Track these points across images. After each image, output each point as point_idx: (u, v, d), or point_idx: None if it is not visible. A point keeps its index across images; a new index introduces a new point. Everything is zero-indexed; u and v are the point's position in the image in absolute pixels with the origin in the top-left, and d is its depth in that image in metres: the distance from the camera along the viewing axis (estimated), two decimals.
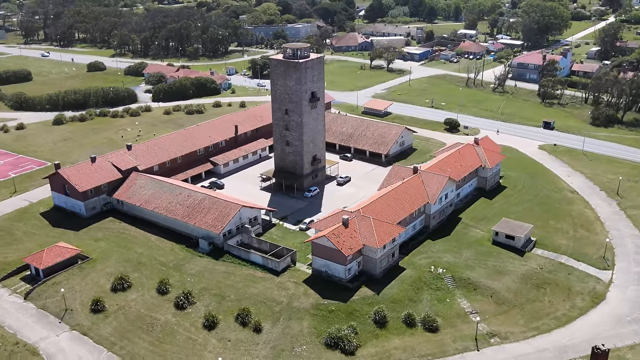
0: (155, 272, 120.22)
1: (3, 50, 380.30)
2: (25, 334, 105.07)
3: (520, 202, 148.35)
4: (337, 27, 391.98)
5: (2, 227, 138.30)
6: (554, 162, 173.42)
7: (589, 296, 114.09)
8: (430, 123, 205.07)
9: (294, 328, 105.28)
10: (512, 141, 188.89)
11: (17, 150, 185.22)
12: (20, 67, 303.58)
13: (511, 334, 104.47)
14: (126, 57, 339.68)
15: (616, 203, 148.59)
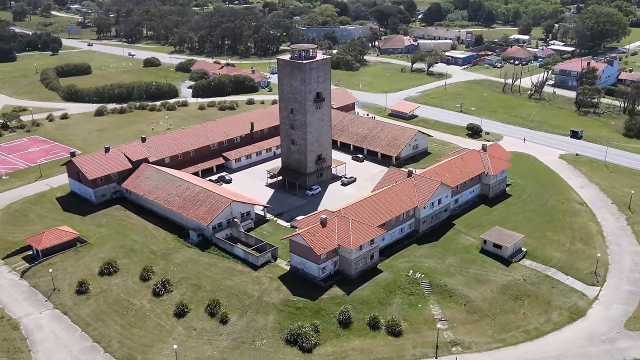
0: (144, 259, 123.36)
1: (76, 45, 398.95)
2: (12, 309, 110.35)
3: (521, 211, 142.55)
4: (390, 29, 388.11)
5: (19, 208, 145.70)
6: (571, 172, 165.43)
7: (568, 312, 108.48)
8: (453, 128, 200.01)
9: (259, 322, 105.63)
10: (534, 149, 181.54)
11: (54, 138, 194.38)
12: (84, 61, 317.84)
13: (475, 344, 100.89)
14: (183, 54, 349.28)
15: (625, 218, 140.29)
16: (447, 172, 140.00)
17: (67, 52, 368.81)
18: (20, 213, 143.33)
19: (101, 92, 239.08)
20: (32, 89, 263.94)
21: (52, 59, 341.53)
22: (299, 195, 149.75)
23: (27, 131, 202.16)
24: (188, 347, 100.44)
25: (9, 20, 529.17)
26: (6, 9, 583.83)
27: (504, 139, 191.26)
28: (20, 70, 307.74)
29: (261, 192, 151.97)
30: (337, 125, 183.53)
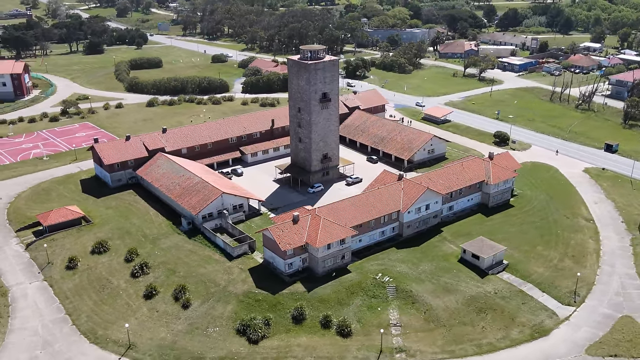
0: (134, 242, 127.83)
1: (161, 40, 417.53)
2: (7, 278, 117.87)
3: (519, 223, 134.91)
4: (459, 33, 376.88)
5: (46, 187, 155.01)
6: (590, 186, 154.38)
7: (531, 330, 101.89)
8: (483, 134, 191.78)
9: (217, 310, 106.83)
10: (560, 161, 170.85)
11: (102, 126, 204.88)
12: (162, 55, 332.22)
13: (420, 353, 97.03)
14: (252, 52, 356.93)
15: (630, 238, 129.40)
16: (442, 179, 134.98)
17: (150, 46, 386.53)
18: (45, 192, 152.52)
19: (158, 84, 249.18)
20: (103, 79, 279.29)
21: (134, 52, 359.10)
22: (301, 192, 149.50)
23: (81, 117, 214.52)
24: (146, 327, 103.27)
25: (113, 16, 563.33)
26: (113, 6, 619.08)
27: (531, 148, 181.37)
28: (102, 62, 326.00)
29: (267, 187, 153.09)
30: (359, 126, 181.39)
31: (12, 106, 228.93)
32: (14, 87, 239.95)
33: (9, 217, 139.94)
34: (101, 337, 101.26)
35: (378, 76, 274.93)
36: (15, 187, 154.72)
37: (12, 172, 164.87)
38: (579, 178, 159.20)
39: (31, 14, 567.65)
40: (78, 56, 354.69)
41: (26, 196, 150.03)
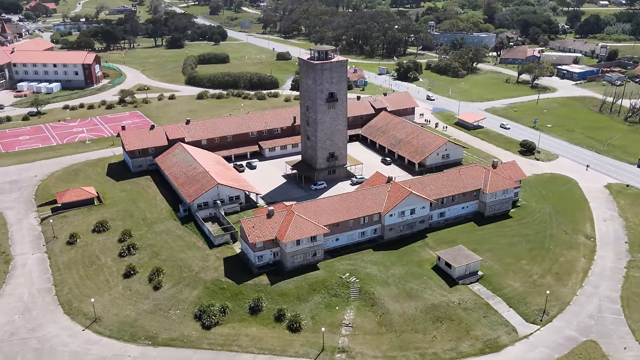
0: (133, 224, 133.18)
1: (241, 37, 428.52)
2: (15, 248, 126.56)
3: (511, 234, 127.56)
4: (530, 39, 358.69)
5: (77, 169, 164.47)
6: (606, 202, 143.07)
7: (483, 344, 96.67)
8: (510, 142, 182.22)
9: (183, 294, 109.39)
10: (583, 174, 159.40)
11: (149, 115, 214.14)
12: (236, 51, 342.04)
13: (361, 356, 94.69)
14: None
15: (628, 260, 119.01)
16: (434, 184, 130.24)
17: (227, 43, 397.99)
18: (75, 172, 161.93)
19: (213, 79, 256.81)
20: (170, 72, 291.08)
21: (209, 47, 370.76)
22: (303, 189, 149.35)
23: (134, 106, 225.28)
24: (115, 304, 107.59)
25: (206, 13, 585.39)
26: (207, 4, 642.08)
27: (558, 159, 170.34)
28: (177, 56, 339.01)
29: (275, 181, 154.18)
30: (381, 127, 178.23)
31: (80, 93, 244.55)
32: (84, 76, 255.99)
33: (36, 194, 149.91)
34: (74, 308, 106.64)
35: (431, 79, 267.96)
36: (51, 167, 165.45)
37: (55, 152, 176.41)
38: (597, 193, 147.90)
39: (135, 10, 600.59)
40: (159, 50, 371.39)
41: (57, 175, 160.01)
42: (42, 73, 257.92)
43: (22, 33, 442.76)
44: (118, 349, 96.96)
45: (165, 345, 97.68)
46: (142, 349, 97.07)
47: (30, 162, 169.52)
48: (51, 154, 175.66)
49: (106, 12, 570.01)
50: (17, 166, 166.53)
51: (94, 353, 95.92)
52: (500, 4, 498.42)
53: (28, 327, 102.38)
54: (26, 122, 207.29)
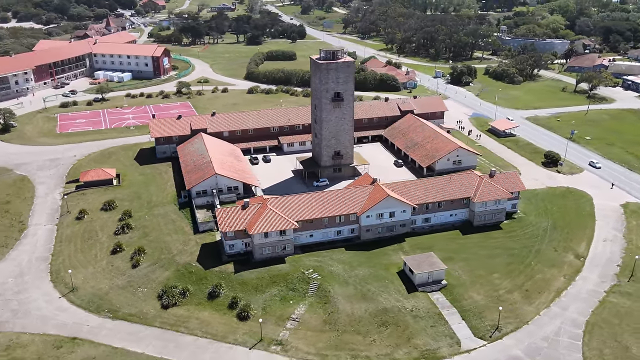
0: (137, 205, 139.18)
1: (319, 36, 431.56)
2: (34, 218, 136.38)
3: (494, 247, 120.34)
4: (610, 47, 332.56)
5: (112, 151, 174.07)
6: (614, 222, 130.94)
7: (420, 354, 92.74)
8: (536, 153, 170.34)
9: (156, 274, 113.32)
10: (603, 191, 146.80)
11: (196, 106, 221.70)
12: (310, 50, 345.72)
13: (295, 350, 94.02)
14: (390, 52, 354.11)
15: (612, 284, 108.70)
16: (420, 189, 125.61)
17: (304, 41, 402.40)
18: (108, 155, 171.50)
19: (268, 75, 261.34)
20: (236, 67, 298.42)
21: (284, 45, 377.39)
22: (306, 184, 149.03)
23: (188, 97, 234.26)
24: (95, 277, 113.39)
25: (298, 12, 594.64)
26: (300, 4, 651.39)
27: (582, 173, 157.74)
28: (250, 52, 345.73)
29: (284, 175, 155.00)
30: (402, 130, 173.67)
31: (145, 83, 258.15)
32: (153, 68, 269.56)
33: (69, 172, 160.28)
34: (60, 277, 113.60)
35: (485, 84, 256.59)
36: (92, 148, 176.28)
37: (100, 136, 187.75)
38: (610, 212, 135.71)
39: (234, 8, 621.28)
40: (238, 46, 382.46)
41: (93, 157, 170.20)
42: (117, 63, 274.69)
43: (125, 27, 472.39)
44: (80, 318, 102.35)
45: (123, 319, 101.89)
46: (101, 320, 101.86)
47: (76, 143, 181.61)
48: (97, 136, 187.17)
49: (207, 10, 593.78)
50: (64, 146, 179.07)
51: (59, 319, 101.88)
52: (594, 10, 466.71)
53: (15, 289, 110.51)
54: (89, 107, 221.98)
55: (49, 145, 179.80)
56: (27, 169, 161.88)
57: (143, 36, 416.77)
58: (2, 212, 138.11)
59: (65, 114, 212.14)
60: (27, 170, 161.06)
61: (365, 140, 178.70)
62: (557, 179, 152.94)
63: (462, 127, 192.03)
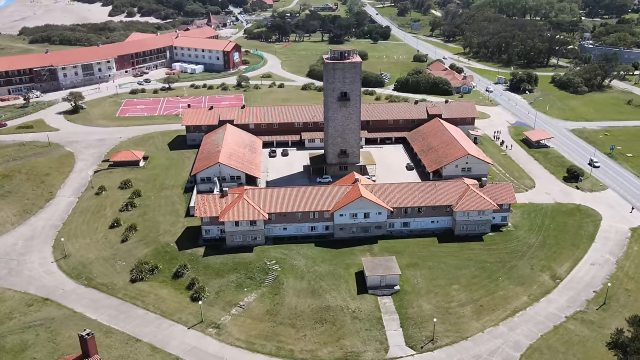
0: (150, 187, 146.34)
1: (402, 37, 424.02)
2: (63, 190, 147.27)
3: (465, 258, 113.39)
4: None
5: (151, 136, 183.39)
6: (613, 246, 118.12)
7: (344, 354, 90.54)
8: (561, 166, 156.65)
9: (137, 250, 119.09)
10: (618, 212, 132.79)
11: (247, 99, 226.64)
12: (388, 50, 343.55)
13: (228, 335, 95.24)
14: (463, 56, 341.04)
15: (578, 310, 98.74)
16: (399, 193, 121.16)
17: (385, 42, 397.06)
18: (147, 139, 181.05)
19: (321, 73, 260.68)
20: (304, 64, 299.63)
21: (362, 45, 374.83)
22: (310, 180, 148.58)
23: (244, 91, 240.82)
24: (87, 248, 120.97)
25: (394, 14, 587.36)
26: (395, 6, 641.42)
27: (604, 192, 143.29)
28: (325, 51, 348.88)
29: (295, 169, 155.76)
30: (424, 133, 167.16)
31: (213, 75, 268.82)
32: (223, 61, 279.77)
33: (109, 152, 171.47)
34: (60, 244, 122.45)
35: (546, 93, 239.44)
36: (136, 132, 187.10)
37: (149, 121, 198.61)
38: (614, 234, 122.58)
39: (336, 8, 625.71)
40: (320, 45, 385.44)
41: (134, 139, 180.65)
42: (193, 56, 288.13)
43: (226, 23, 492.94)
44: (60, 282, 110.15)
45: (94, 288, 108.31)
46: (76, 286, 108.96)
47: (127, 126, 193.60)
48: (146, 121, 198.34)
49: (310, 9, 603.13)
50: (115, 128, 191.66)
51: (42, 281, 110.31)
52: None
53: (21, 251, 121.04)
54: (154, 94, 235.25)
55: (103, 127, 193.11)
56: (75, 146, 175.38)
57: (239, 32, 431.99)
58: (38, 183, 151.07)
59: (130, 100, 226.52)
60: (75, 147, 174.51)
61: (389, 141, 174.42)
62: (571, 195, 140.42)
63: (497, 137, 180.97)
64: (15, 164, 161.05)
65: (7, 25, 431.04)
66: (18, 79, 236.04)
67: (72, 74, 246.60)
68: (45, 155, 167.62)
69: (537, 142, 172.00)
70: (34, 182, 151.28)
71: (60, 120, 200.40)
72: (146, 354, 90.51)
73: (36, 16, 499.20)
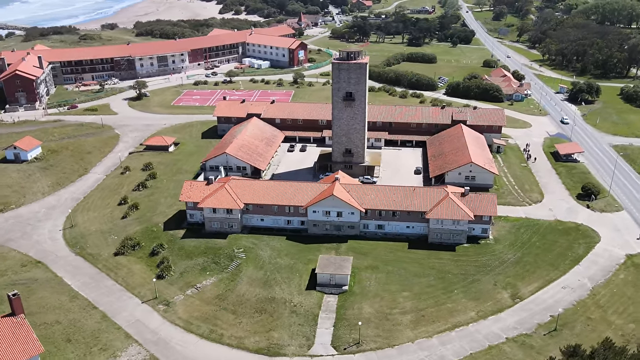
0: (167, 171, 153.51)
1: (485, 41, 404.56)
2: (97, 168, 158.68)
3: (429, 266, 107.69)
4: None
5: (191, 124, 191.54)
6: (597, 271, 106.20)
7: (268, 345, 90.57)
8: (580, 183, 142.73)
9: (131, 227, 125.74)
10: (620, 235, 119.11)
11: (297, 95, 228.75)
12: (455, 55, 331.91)
13: (172, 313, 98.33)
14: (540, 63, 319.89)
15: (520, 333, 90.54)
16: (374, 195, 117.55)
17: (466, 46, 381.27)
18: (185, 127, 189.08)
19: (382, 74, 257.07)
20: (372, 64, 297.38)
21: (439, 48, 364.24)
22: (314, 176, 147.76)
23: (297, 87, 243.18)
24: (92, 220, 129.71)
25: (489, 19, 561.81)
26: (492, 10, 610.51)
27: (617, 213, 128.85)
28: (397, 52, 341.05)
29: (305, 164, 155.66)
30: (444, 138, 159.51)
31: (275, 71, 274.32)
32: (289, 58, 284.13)
33: (150, 137, 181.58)
34: (72, 215, 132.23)
35: (607, 104, 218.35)
36: (181, 120, 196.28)
37: (197, 110, 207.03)
38: (605, 260, 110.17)
39: (433, 11, 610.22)
40: (398, 46, 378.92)
41: (175, 127, 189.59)
42: (262, 53, 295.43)
43: (317, 23, 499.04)
44: (57, 248, 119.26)
45: (81, 256, 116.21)
46: (67, 253, 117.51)
47: (175, 114, 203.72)
48: (194, 111, 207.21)
49: (407, 11, 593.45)
50: (165, 115, 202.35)
51: (42, 246, 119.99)
52: None
53: (40, 218, 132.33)
54: (214, 87, 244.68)
55: (155, 114, 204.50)
56: (124, 129, 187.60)
57: (327, 32, 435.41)
58: (78, 160, 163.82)
59: (190, 91, 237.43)
60: (123, 130, 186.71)
61: (409, 144, 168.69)
62: (577, 214, 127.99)
63: (527, 150, 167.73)
64: (68, 141, 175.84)
65: (130, 20, 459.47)
66: (101, 67, 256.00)
67: (148, 64, 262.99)
68: (95, 136, 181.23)
69: (565, 156, 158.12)
70: (75, 158, 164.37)
71: (123, 106, 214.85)
72: (95, 321, 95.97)
73: (158, 12, 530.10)
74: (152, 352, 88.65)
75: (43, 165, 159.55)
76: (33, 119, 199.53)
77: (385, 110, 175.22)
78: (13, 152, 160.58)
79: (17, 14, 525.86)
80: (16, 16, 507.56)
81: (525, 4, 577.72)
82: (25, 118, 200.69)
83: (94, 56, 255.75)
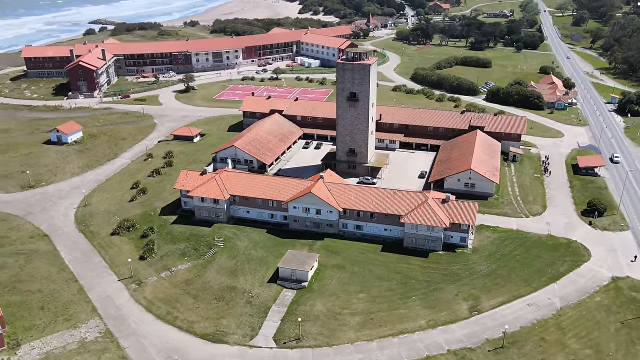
0: (185, 159, 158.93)
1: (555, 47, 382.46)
2: (125, 154, 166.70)
3: (396, 271, 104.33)
4: None
5: (223, 117, 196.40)
6: (572, 291, 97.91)
7: (214, 330, 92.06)
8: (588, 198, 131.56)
9: (134, 209, 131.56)
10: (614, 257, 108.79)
11: (334, 94, 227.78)
12: (516, 62, 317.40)
13: (140, 293, 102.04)
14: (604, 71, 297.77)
15: (467, 347, 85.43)
16: (355, 195, 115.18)
17: (529, 51, 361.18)
18: (216, 119, 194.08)
19: (425, 77, 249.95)
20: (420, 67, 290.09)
21: (503, 52, 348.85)
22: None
23: None
24: (103, 201, 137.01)
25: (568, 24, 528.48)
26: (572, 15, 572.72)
27: (621, 233, 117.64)
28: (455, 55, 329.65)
29: (315, 161, 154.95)
30: (457, 144, 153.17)
31: (322, 70, 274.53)
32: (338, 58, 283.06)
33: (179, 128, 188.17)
34: (88, 196, 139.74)
35: None
36: (215, 112, 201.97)
37: (233, 104, 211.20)
38: (587, 280, 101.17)
39: (511, 14, 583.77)
40: (457, 49, 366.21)
41: (208, 119, 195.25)
42: (314, 51, 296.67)
43: (387, 24, 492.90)
44: (65, 224, 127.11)
45: (82, 233, 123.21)
46: (72, 230, 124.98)
47: (213, 107, 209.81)
48: (231, 105, 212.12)
49: (483, 15, 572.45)
50: (204, 108, 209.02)
51: (54, 222, 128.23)
52: None
53: (62, 195, 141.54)
54: (260, 83, 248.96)
55: (196, 106, 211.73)
56: (162, 119, 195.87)
57: (393, 34, 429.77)
58: (111, 145, 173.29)
59: (236, 86, 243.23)
60: (160, 120, 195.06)
61: (424, 147, 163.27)
62: (574, 230, 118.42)
63: (545, 162, 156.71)
64: (107, 127, 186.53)
65: (215, 17, 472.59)
66: (160, 61, 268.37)
67: (204, 59, 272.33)
68: (134, 124, 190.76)
69: (585, 169, 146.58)
70: (110, 144, 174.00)
71: (170, 98, 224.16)
72: (71, 293, 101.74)
73: (242, 11, 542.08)
74: (108, 327, 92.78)
75: (80, 148, 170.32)
76: (87, 105, 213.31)
77: (404, 112, 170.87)
78: (56, 135, 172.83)
79: (125, 11, 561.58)
80: (124, 12, 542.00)
81: (610, 9, 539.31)
82: (82, 105, 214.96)
83: (155, 50, 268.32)
